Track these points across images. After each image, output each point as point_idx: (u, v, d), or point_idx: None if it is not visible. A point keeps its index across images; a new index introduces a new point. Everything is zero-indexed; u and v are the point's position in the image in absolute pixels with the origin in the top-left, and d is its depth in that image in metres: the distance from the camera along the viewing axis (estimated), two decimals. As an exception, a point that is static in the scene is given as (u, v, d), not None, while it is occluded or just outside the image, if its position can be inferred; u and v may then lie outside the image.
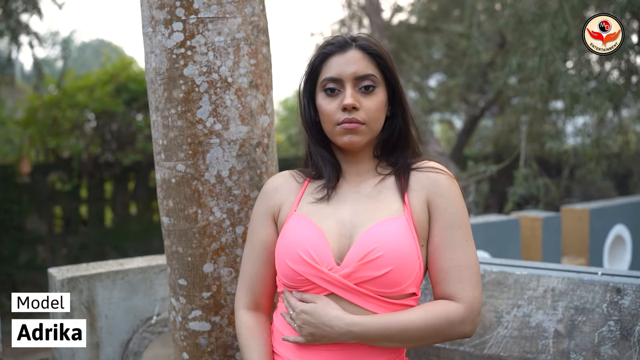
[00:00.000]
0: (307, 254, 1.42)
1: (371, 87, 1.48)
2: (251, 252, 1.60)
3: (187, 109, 1.78)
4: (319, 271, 1.41)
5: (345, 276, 1.40)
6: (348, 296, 1.41)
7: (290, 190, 1.58)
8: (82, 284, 2.24)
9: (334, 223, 1.46)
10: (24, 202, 10.53)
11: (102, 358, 2.28)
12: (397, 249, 1.39)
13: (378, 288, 1.40)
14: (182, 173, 1.81)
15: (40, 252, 10.84)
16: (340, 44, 1.50)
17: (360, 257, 1.39)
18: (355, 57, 1.48)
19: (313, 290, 1.44)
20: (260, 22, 1.88)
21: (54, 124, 10.69)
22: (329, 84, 1.49)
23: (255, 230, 1.60)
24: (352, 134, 1.47)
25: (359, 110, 1.46)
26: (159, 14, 1.78)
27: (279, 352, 1.53)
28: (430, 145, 5.86)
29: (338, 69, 1.48)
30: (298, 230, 1.46)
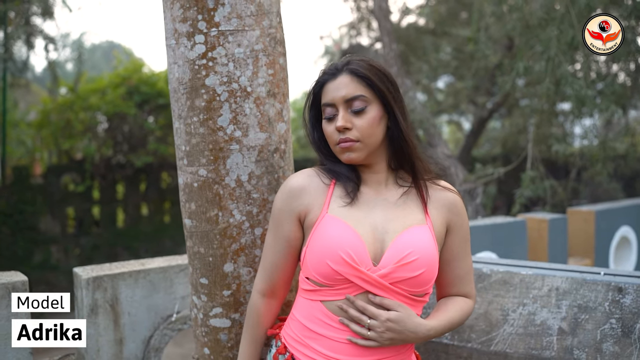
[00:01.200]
0: (347, 255, 1.54)
1: (362, 106, 1.61)
2: (274, 244, 1.71)
3: (208, 116, 1.88)
4: (359, 271, 1.54)
5: (382, 276, 1.55)
6: (382, 294, 1.56)
7: (317, 191, 1.66)
8: (106, 283, 2.35)
9: (368, 227, 1.59)
10: (38, 203, 10.68)
11: (126, 353, 2.39)
12: (428, 254, 1.58)
13: (409, 287, 1.57)
14: (203, 177, 1.91)
15: (53, 253, 10.99)
16: (332, 71, 1.66)
17: (398, 260, 1.55)
18: (344, 81, 1.63)
19: (348, 289, 1.57)
20: (277, 34, 1.97)
21: (67, 126, 10.84)
22: (327, 109, 1.65)
23: (279, 225, 1.69)
24: (348, 152, 1.62)
25: (351, 129, 1.61)
26: (182, 27, 1.88)
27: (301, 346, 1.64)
28: (438, 147, 5.95)
29: (331, 94, 1.64)
30: (336, 232, 1.57)
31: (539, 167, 5.30)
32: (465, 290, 1.78)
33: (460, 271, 1.75)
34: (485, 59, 5.66)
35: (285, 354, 1.68)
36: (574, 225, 5.07)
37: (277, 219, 1.70)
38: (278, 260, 1.72)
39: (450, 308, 1.72)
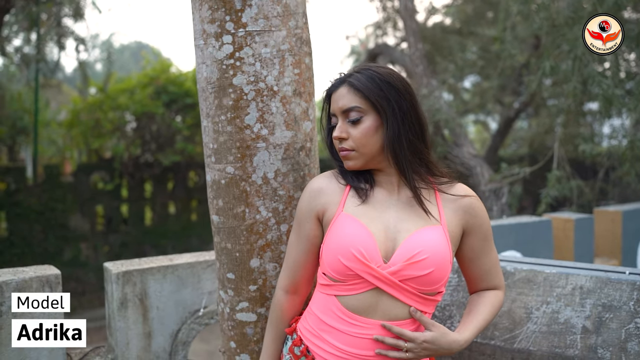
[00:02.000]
0: (358, 252, 1.60)
1: (357, 116, 1.68)
2: (298, 242, 1.79)
3: (236, 115, 1.93)
4: (369, 267, 1.60)
5: (392, 273, 1.60)
6: (391, 291, 1.62)
7: (334, 191, 1.75)
8: (135, 277, 2.41)
9: (381, 226, 1.66)
10: (68, 201, 10.88)
11: (154, 347, 2.45)
12: (438, 253, 1.62)
13: (419, 285, 1.62)
14: (231, 175, 1.96)
15: (83, 250, 11.20)
16: (335, 83, 1.75)
17: (407, 258, 1.60)
18: (342, 92, 1.70)
19: (359, 284, 1.63)
20: (303, 34, 2.01)
21: (96, 125, 11.02)
22: (332, 118, 1.75)
23: (301, 224, 1.78)
24: (346, 160, 1.72)
25: (347, 139, 1.69)
26: (210, 28, 1.93)
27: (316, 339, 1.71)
28: (464, 147, 5.93)
29: (333, 105, 1.74)
30: (349, 230, 1.64)
31: (565, 167, 5.25)
32: (494, 283, 1.85)
33: (486, 266, 1.81)
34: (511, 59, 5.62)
35: (300, 346, 1.75)
36: (600, 225, 5.02)
37: (299, 218, 1.78)
38: (300, 258, 1.78)
39: (481, 310, 1.78)
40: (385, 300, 1.62)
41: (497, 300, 1.83)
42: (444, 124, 5.45)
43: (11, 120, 13.17)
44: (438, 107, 5.15)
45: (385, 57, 8.23)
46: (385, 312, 1.63)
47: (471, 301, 1.85)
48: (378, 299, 1.62)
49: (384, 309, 1.62)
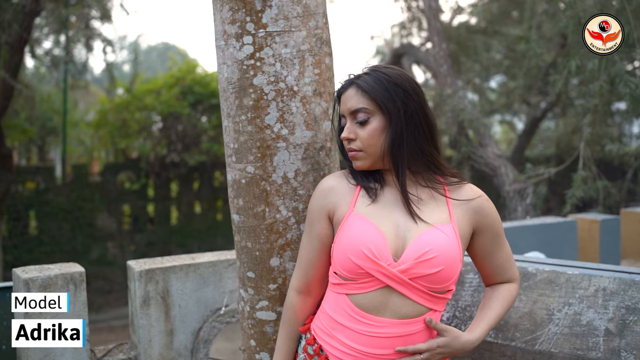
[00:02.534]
0: (369, 250, 1.62)
1: (364, 118, 1.70)
2: (309, 243, 1.80)
3: (256, 115, 1.94)
4: (379, 266, 1.62)
5: (402, 271, 1.62)
6: (401, 289, 1.63)
7: (345, 191, 1.77)
8: (158, 276, 2.44)
9: (391, 225, 1.67)
10: (95, 200, 11.04)
11: (176, 344, 2.48)
12: (448, 252, 1.64)
13: (428, 283, 1.64)
14: (251, 174, 1.97)
15: (110, 248, 11.35)
16: (344, 84, 1.77)
17: (417, 256, 1.62)
18: (350, 94, 1.73)
19: (370, 282, 1.64)
20: (323, 34, 2.02)
21: (123, 125, 11.16)
22: (342, 119, 1.78)
23: (312, 224, 1.80)
24: (354, 160, 1.74)
25: (355, 140, 1.72)
26: (230, 29, 1.95)
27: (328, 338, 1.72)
28: (489, 147, 5.88)
29: (342, 106, 1.77)
30: (359, 229, 1.66)
31: (591, 167, 5.18)
32: (508, 276, 1.89)
33: (499, 262, 1.85)
34: (537, 58, 5.56)
35: (313, 345, 1.76)
36: (627, 226, 4.94)
37: (310, 218, 1.80)
38: (312, 257, 1.80)
39: (494, 306, 1.83)
40: (395, 298, 1.64)
41: (509, 294, 1.87)
42: (468, 124, 5.41)
43: (41, 121, 13.43)
44: (462, 107, 5.11)
45: (409, 57, 8.21)
46: (395, 311, 1.64)
47: (485, 295, 1.90)
48: (388, 297, 1.64)
49: (393, 307, 1.64)
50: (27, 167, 11.97)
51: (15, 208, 10.23)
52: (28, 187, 10.47)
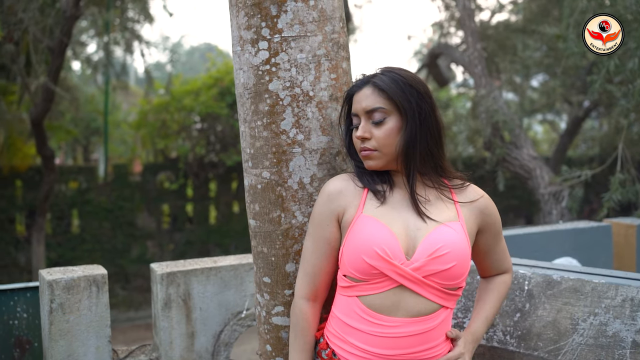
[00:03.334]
0: (382, 250, 1.63)
1: (381, 117, 1.71)
2: (315, 247, 1.79)
3: (271, 120, 1.94)
4: (393, 265, 1.63)
5: (415, 269, 1.64)
6: (415, 287, 1.65)
7: (353, 193, 1.77)
8: (179, 279, 2.47)
9: (401, 225, 1.69)
10: (136, 199, 11.24)
11: (197, 346, 2.50)
12: (459, 248, 1.68)
13: (442, 280, 1.66)
14: (267, 180, 1.97)
15: (149, 247, 11.55)
16: (359, 83, 1.77)
17: (430, 253, 1.64)
18: (366, 93, 1.73)
19: (383, 282, 1.65)
20: (340, 38, 2.00)
21: (162, 126, 11.34)
22: (354, 119, 1.78)
23: (319, 228, 1.78)
24: (367, 160, 1.74)
25: (370, 139, 1.72)
26: (246, 34, 1.95)
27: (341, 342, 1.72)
28: (524, 148, 5.74)
29: (356, 105, 1.76)
30: (371, 230, 1.67)
31: (629, 170, 5.01)
32: (504, 268, 1.98)
33: (497, 255, 1.93)
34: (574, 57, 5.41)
35: (326, 349, 1.77)
36: (668, 232, 4.76)
37: (317, 222, 1.79)
38: (320, 262, 1.79)
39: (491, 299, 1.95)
40: (408, 297, 1.65)
41: (505, 287, 1.98)
42: (502, 125, 5.30)
43: (85, 121, 13.76)
44: (496, 108, 5.01)
45: (446, 57, 8.11)
46: (408, 310, 1.65)
47: (482, 287, 1.99)
48: (401, 296, 1.65)
49: (406, 306, 1.65)
50: (70, 167, 12.27)
51: (58, 207, 10.51)
52: (71, 187, 10.74)
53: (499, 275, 1.98)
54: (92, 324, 2.32)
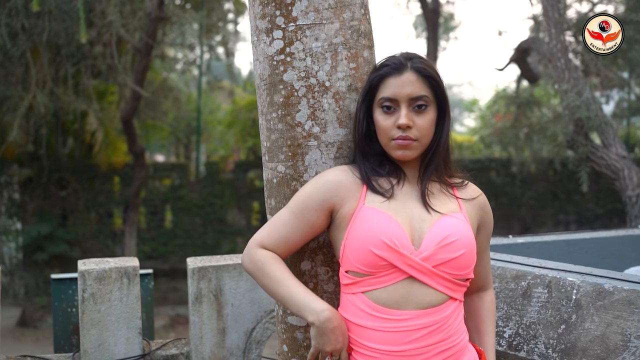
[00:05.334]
0: (390, 240, 1.57)
1: (424, 106, 1.65)
2: (295, 223, 1.70)
3: (286, 112, 1.87)
4: (402, 255, 1.57)
5: (424, 259, 1.58)
6: (424, 278, 1.59)
7: (353, 185, 1.69)
8: (210, 274, 2.45)
9: (405, 216, 1.64)
10: (226, 197, 11.53)
11: (228, 343, 2.47)
12: (466, 237, 1.64)
13: (452, 270, 1.61)
14: (282, 174, 1.90)
15: (239, 244, 11.80)
16: (396, 65, 1.67)
17: (438, 241, 1.59)
18: (410, 79, 1.65)
19: (391, 274, 1.59)
20: (361, 26, 1.90)
21: (253, 125, 11.56)
22: (386, 102, 1.66)
23: (305, 208, 1.69)
24: (405, 149, 1.65)
25: (412, 128, 1.64)
26: (261, 24, 1.89)
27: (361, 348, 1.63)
28: (612, 148, 5.31)
29: (394, 90, 1.65)
30: (376, 221, 1.61)
31: None
32: (488, 280, 1.91)
33: (485, 262, 1.86)
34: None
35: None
36: None
37: (305, 202, 1.70)
38: (293, 237, 1.71)
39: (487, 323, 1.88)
40: (417, 289, 1.59)
41: (494, 308, 1.92)
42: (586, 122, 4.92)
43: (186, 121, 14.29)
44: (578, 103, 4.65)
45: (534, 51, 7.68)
46: (417, 302, 1.58)
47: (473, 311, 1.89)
48: (410, 289, 1.59)
49: (416, 299, 1.58)
50: (164, 164, 12.81)
51: (152, 203, 10.97)
52: (164, 184, 11.19)
53: (485, 294, 1.90)
54: (123, 315, 2.35)
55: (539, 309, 2.19)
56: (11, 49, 6.88)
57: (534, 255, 2.82)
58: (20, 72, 7.59)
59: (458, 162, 8.70)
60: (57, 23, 6.96)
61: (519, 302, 2.25)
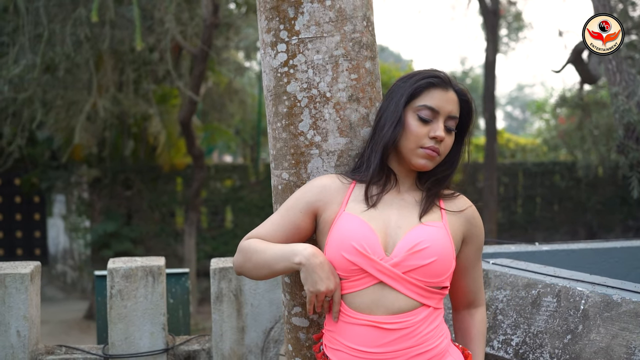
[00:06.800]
0: (360, 246, 1.63)
1: (453, 127, 1.74)
2: (280, 221, 1.80)
3: (290, 122, 1.96)
4: (371, 261, 1.62)
5: (394, 265, 1.62)
6: (394, 284, 1.63)
7: (337, 191, 1.76)
8: (231, 274, 2.56)
9: (382, 223, 1.69)
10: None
11: (247, 341, 2.58)
12: (440, 243, 1.66)
13: (422, 277, 1.63)
14: (286, 181, 1.99)
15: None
16: (445, 80, 1.73)
17: (409, 248, 1.63)
18: (454, 98, 1.73)
19: (363, 279, 1.64)
20: (363, 38, 1.96)
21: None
22: (425, 111, 1.71)
23: (291, 209, 1.79)
24: (429, 160, 1.71)
25: (441, 143, 1.71)
26: (267, 37, 1.98)
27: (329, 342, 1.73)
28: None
29: (439, 103, 1.71)
30: (350, 226, 1.67)
31: None
32: (480, 297, 1.90)
33: (475, 276, 1.86)
34: None
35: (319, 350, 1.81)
36: None
37: (292, 204, 1.80)
38: (278, 235, 1.79)
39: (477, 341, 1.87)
40: (387, 294, 1.63)
41: (485, 327, 1.91)
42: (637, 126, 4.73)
43: (252, 122, 14.60)
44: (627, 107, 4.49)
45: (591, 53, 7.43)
46: (387, 307, 1.63)
47: (464, 328, 1.90)
48: (380, 294, 1.63)
49: (386, 304, 1.63)
50: (224, 165, 13.12)
51: (213, 203, 11.28)
52: (225, 185, 11.48)
53: (475, 311, 1.89)
54: (147, 311, 2.49)
55: (547, 318, 2.18)
56: (76, 57, 7.28)
57: (558, 264, 2.80)
58: (86, 77, 8.01)
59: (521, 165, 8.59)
60: (119, 31, 7.32)
61: (528, 311, 2.25)
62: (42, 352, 2.55)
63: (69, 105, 8.36)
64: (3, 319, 2.42)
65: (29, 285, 2.44)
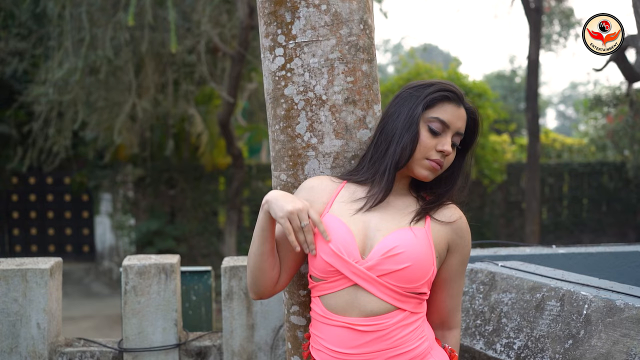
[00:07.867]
0: (337, 248, 1.66)
1: (458, 144, 1.77)
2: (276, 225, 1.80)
3: (287, 124, 2.00)
4: (346, 263, 1.65)
5: (369, 268, 1.64)
6: (369, 287, 1.65)
7: (324, 191, 1.80)
8: (241, 273, 2.62)
9: (362, 225, 1.71)
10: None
11: (256, 338, 2.63)
12: (416, 250, 1.65)
13: (396, 282, 1.64)
14: (284, 182, 2.03)
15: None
16: (459, 96, 1.75)
17: (384, 252, 1.64)
18: (464, 115, 1.76)
19: (339, 281, 1.68)
20: (359, 41, 1.99)
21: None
22: (437, 123, 1.72)
23: None
24: (431, 172, 1.73)
25: (446, 157, 1.73)
26: (265, 42, 2.03)
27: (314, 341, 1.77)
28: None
29: (451, 117, 1.73)
30: (330, 228, 1.70)
31: None
32: (457, 318, 1.86)
33: (454, 291, 1.82)
34: None
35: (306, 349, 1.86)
36: None
37: None
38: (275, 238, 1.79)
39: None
40: (361, 296, 1.65)
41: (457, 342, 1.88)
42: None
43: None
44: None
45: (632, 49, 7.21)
46: (361, 309, 1.65)
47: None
48: (355, 296, 1.66)
49: (360, 305, 1.65)
50: (266, 164, 13.23)
51: (255, 202, 11.41)
52: (267, 184, 11.60)
53: (449, 333, 1.86)
54: (160, 307, 2.57)
55: (550, 322, 2.16)
56: (116, 60, 7.52)
57: (574, 268, 2.76)
58: (127, 79, 8.24)
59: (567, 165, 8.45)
60: (159, 34, 7.51)
61: (532, 314, 2.23)
62: (61, 344, 2.66)
63: (111, 106, 8.62)
64: (25, 311, 2.54)
65: (48, 280, 2.55)
